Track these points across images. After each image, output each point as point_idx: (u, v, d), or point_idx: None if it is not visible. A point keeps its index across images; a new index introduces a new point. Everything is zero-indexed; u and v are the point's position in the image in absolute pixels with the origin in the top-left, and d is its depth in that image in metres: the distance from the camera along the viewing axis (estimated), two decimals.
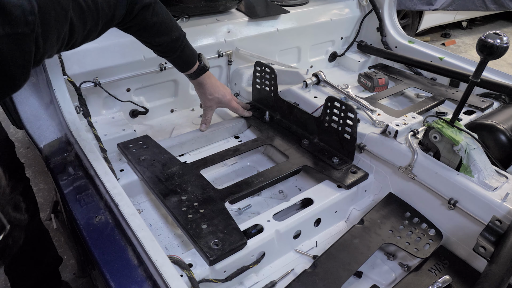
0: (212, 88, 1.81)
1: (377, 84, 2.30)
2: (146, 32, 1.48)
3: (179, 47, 1.59)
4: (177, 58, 1.64)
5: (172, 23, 1.54)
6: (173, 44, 1.57)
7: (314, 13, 2.53)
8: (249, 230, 1.35)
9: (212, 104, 1.85)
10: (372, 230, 1.42)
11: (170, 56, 1.62)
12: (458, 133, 1.42)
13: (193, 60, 1.69)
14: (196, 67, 1.70)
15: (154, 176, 1.49)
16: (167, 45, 1.56)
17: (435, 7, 5.84)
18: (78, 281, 2.24)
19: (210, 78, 1.80)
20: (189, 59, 1.68)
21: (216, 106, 1.89)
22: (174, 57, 1.63)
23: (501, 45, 1.25)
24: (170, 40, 1.54)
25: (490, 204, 1.31)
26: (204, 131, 1.86)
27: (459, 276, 1.32)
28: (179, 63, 1.68)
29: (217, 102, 1.86)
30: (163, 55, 1.63)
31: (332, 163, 1.64)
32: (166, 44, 1.55)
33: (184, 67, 1.69)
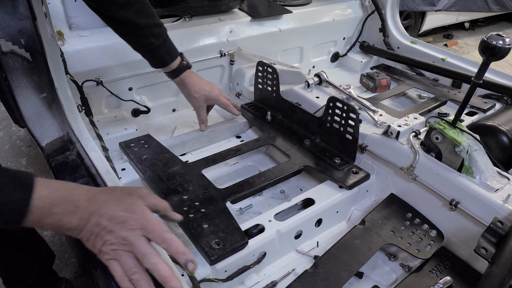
0: (197, 85, 1.76)
1: (379, 85, 2.29)
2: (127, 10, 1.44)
3: (162, 34, 1.56)
4: (159, 47, 1.57)
5: (152, 9, 1.51)
6: (157, 30, 1.53)
7: (317, 13, 2.53)
8: (250, 230, 1.35)
9: (201, 102, 1.81)
10: (373, 231, 1.42)
11: (153, 43, 1.55)
12: (460, 134, 1.42)
13: (175, 53, 1.65)
14: (178, 63, 1.66)
15: (156, 175, 1.49)
16: (150, 29, 1.52)
17: (437, 8, 5.83)
18: (79, 279, 2.24)
19: (193, 76, 1.76)
20: (171, 50, 1.63)
21: (206, 104, 1.84)
22: (156, 46, 1.56)
23: (503, 46, 1.25)
24: (153, 23, 1.51)
25: (492, 206, 1.31)
26: (204, 130, 1.85)
27: (460, 277, 1.31)
28: (160, 54, 1.61)
29: (205, 99, 1.80)
30: (144, 42, 1.55)
31: (333, 163, 1.63)
32: (149, 27, 1.51)
33: (166, 59, 1.63)
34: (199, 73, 2.12)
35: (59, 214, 0.92)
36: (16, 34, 1.43)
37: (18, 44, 1.44)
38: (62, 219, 0.92)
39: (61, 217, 0.92)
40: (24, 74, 1.46)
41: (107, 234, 0.94)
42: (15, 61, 1.46)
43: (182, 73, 1.70)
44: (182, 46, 2.00)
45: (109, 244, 0.94)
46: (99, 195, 0.97)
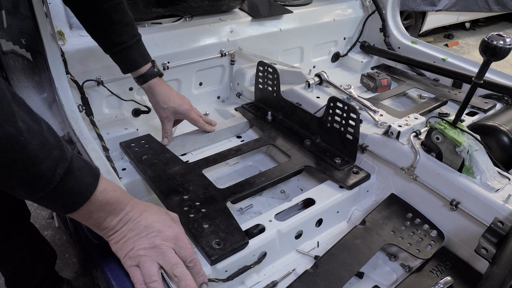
0: (165, 96, 1.66)
1: (379, 85, 2.29)
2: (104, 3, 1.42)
3: (136, 35, 1.53)
4: (131, 47, 1.52)
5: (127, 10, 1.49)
6: (130, 30, 1.50)
7: (317, 13, 2.53)
8: (251, 230, 1.35)
9: (168, 114, 1.69)
10: (373, 231, 1.42)
11: (125, 42, 1.50)
12: (461, 134, 1.42)
13: (148, 58, 1.60)
14: (147, 68, 1.59)
15: (156, 175, 1.49)
16: (124, 27, 1.48)
17: (438, 8, 5.83)
18: (79, 279, 2.24)
19: (163, 85, 1.66)
20: (144, 54, 1.58)
21: (174, 118, 1.72)
22: (128, 45, 1.51)
23: (504, 46, 1.25)
24: (127, 22, 1.48)
25: (492, 206, 1.31)
26: (167, 145, 1.72)
27: (460, 277, 1.31)
28: (132, 55, 1.55)
29: (173, 111, 1.69)
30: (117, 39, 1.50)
31: (334, 163, 1.63)
32: (123, 24, 1.48)
33: (138, 61, 1.57)
34: (199, 73, 2.13)
35: (107, 212, 0.98)
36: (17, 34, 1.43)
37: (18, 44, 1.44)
38: (106, 218, 0.99)
39: (106, 215, 0.98)
40: (24, 74, 1.46)
41: (139, 240, 1.00)
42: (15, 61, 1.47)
43: (151, 79, 1.62)
44: (183, 46, 2.00)
45: (137, 249, 0.99)
46: (140, 204, 1.05)
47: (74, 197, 0.90)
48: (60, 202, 0.89)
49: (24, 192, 0.84)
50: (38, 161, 0.81)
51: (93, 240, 1.17)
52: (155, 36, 1.94)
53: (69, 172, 0.86)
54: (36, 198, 0.85)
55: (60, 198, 0.88)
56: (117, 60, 1.58)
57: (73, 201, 0.91)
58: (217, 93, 2.29)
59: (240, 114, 2.03)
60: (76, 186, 0.89)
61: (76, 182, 0.89)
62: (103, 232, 1.01)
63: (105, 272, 1.10)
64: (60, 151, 0.86)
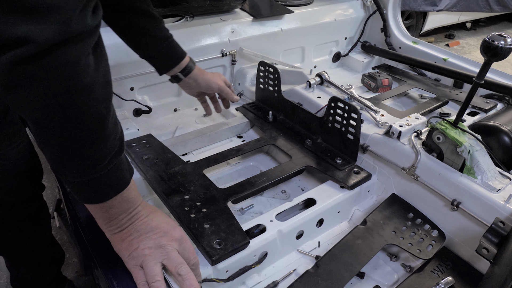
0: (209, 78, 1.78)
1: (380, 85, 2.29)
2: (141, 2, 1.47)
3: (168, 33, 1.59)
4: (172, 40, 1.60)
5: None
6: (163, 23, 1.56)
7: (318, 13, 2.53)
8: (252, 230, 1.35)
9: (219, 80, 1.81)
10: (374, 231, 1.42)
11: (168, 36, 1.58)
12: (462, 134, 1.42)
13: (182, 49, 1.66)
14: (189, 59, 1.68)
15: (157, 175, 1.49)
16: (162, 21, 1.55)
17: (439, 8, 5.82)
18: (80, 279, 2.24)
19: (201, 70, 1.76)
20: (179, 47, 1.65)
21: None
22: (171, 37, 1.59)
23: (505, 46, 1.24)
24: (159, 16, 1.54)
25: (493, 206, 1.31)
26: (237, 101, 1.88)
27: (461, 278, 1.31)
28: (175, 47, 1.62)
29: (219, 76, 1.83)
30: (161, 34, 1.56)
31: (335, 163, 1.63)
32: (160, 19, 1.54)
33: (180, 52, 1.65)
34: None
35: (122, 209, 1.01)
36: None
37: None
38: (120, 215, 1.01)
39: (120, 212, 1.01)
40: None
41: (145, 239, 1.02)
42: None
43: (194, 68, 1.70)
44: (184, 46, 1.98)
45: (142, 248, 1.01)
46: (148, 206, 1.08)
47: (110, 188, 0.95)
48: (97, 189, 0.94)
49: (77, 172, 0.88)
50: (105, 145, 0.87)
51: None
52: None
53: (118, 163, 0.93)
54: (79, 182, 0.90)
55: (101, 185, 0.92)
56: (160, 56, 1.62)
57: (107, 192, 0.95)
58: None
59: (241, 114, 2.03)
60: (116, 178, 0.94)
61: (118, 175, 0.95)
62: (111, 228, 1.02)
63: (106, 272, 1.10)
64: (121, 142, 0.93)
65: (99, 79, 0.82)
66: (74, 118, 0.80)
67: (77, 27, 0.72)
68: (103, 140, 0.86)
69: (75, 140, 0.83)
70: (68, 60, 0.74)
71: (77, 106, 0.79)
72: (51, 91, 0.75)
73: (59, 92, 0.75)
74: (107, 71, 0.86)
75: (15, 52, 0.68)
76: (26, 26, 0.67)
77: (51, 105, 0.76)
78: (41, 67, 0.71)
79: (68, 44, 0.73)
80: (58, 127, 0.80)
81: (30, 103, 0.76)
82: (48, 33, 0.69)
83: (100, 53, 0.83)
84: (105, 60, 0.86)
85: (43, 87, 0.74)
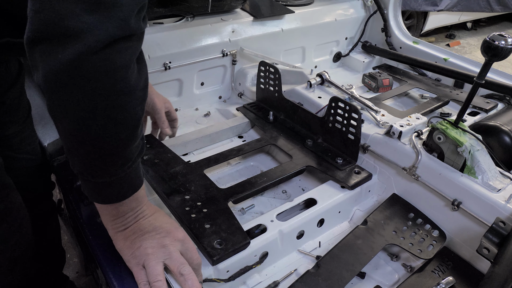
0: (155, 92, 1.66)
1: (381, 85, 2.29)
2: None
3: None
4: None
5: None
6: None
7: (319, 13, 2.53)
8: (252, 230, 1.35)
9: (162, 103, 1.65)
10: (375, 231, 1.42)
11: None
12: (462, 134, 1.42)
13: None
14: None
15: (158, 175, 1.49)
16: None
17: (440, 8, 5.83)
18: (81, 279, 2.24)
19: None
20: None
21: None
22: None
23: (505, 46, 1.24)
24: None
25: (494, 206, 1.31)
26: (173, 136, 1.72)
27: (462, 277, 1.31)
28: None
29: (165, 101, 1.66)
30: None
31: (335, 163, 1.63)
32: None
33: None
34: (201, 73, 2.13)
35: (130, 207, 1.02)
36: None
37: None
38: (127, 213, 1.03)
39: (128, 210, 1.02)
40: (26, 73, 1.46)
41: (148, 238, 1.02)
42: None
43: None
44: (185, 46, 2.00)
45: (145, 247, 1.01)
46: (152, 206, 1.10)
47: (130, 187, 0.98)
48: (119, 189, 0.96)
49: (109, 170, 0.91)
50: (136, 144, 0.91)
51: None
52: (157, 36, 1.94)
53: (138, 163, 0.96)
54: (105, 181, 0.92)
55: (123, 184, 0.95)
56: None
57: (126, 191, 0.98)
58: (219, 93, 2.29)
59: (242, 114, 2.03)
60: (136, 177, 0.98)
61: (137, 173, 0.98)
62: (116, 226, 1.03)
63: (107, 272, 1.10)
64: (143, 142, 0.96)
65: (140, 83, 0.84)
66: (116, 118, 0.82)
67: (134, 26, 0.75)
68: (135, 139, 0.90)
69: (113, 140, 0.85)
70: (122, 61, 0.76)
71: (120, 107, 0.81)
72: (100, 91, 0.77)
73: (108, 92, 0.77)
74: (147, 75, 0.89)
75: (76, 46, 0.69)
76: (89, 18, 0.69)
77: (98, 105, 0.78)
78: (95, 65, 0.73)
79: (124, 43, 0.75)
80: (99, 128, 0.81)
81: (78, 102, 0.77)
82: (109, 27, 0.71)
83: (142, 59, 0.87)
84: (145, 66, 0.89)
85: (94, 86, 0.76)
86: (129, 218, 1.03)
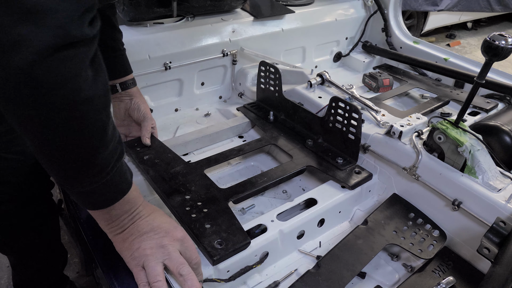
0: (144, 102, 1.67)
1: (381, 85, 2.29)
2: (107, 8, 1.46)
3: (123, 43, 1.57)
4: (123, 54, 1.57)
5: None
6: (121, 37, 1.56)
7: (319, 13, 2.53)
8: (253, 230, 1.35)
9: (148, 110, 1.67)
10: (376, 231, 1.42)
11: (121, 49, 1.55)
12: (463, 134, 1.42)
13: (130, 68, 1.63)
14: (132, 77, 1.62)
15: (158, 175, 1.49)
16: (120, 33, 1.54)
17: (440, 8, 5.83)
18: (81, 279, 2.24)
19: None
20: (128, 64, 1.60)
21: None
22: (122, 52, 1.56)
23: (506, 46, 1.24)
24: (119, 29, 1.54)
25: (494, 205, 1.31)
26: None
27: (463, 277, 1.31)
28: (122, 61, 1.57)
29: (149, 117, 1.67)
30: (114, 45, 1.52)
31: (336, 163, 1.63)
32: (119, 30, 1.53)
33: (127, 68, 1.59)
34: (201, 73, 2.13)
35: (123, 210, 1.00)
36: None
37: None
38: (121, 215, 1.01)
39: (122, 213, 1.01)
40: None
41: (146, 239, 1.02)
42: None
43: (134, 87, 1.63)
44: (185, 46, 2.00)
45: (144, 248, 1.00)
46: (149, 206, 1.08)
47: (115, 191, 0.95)
48: (103, 195, 0.94)
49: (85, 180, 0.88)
50: (109, 152, 0.87)
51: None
52: (157, 36, 1.94)
53: (120, 167, 0.93)
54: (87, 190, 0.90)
55: (107, 190, 0.93)
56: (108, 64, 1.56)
57: (113, 196, 0.96)
58: (219, 93, 2.29)
59: (242, 114, 2.03)
60: (120, 181, 0.95)
61: (121, 178, 0.95)
62: (112, 229, 1.02)
63: (107, 272, 1.10)
64: (121, 145, 0.93)
65: (98, 90, 0.80)
66: (77, 129, 0.79)
67: (74, 33, 0.71)
68: (106, 146, 0.86)
69: (80, 150, 0.82)
70: (69, 71, 0.72)
71: (80, 118, 0.78)
72: (52, 104, 0.73)
73: (61, 105, 0.74)
74: (106, 81, 0.84)
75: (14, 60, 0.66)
76: (23, 28, 0.65)
77: (55, 119, 0.75)
78: (38, 78, 0.69)
79: (67, 51, 0.71)
80: (63, 140, 0.79)
81: (32, 118, 0.74)
82: (45, 36, 0.67)
83: (98, 64, 0.81)
84: (103, 71, 0.83)
85: (44, 101, 0.72)
86: (124, 220, 1.02)
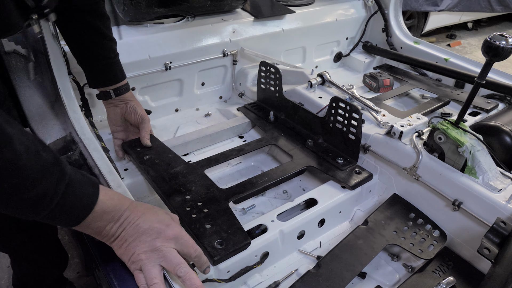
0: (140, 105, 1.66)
1: (382, 85, 2.29)
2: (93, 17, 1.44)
3: (115, 50, 1.55)
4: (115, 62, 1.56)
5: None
6: (114, 45, 1.53)
7: (320, 13, 2.53)
8: (253, 230, 1.35)
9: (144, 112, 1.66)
10: (376, 231, 1.42)
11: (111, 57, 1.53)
12: (463, 134, 1.41)
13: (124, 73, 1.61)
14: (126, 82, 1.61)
15: (158, 175, 1.49)
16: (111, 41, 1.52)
17: (440, 8, 5.83)
18: (81, 280, 2.24)
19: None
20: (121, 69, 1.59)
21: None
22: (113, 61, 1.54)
23: (506, 46, 1.24)
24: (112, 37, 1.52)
25: (495, 206, 1.31)
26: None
27: (463, 278, 1.31)
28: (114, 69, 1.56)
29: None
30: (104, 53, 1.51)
31: (336, 163, 1.63)
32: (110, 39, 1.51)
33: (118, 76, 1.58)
34: (202, 73, 2.13)
35: (106, 220, 0.97)
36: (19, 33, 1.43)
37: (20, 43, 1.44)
38: (106, 226, 0.98)
39: (106, 223, 0.98)
40: (26, 74, 1.46)
41: (140, 244, 1.00)
42: (17, 61, 1.46)
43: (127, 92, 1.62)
44: (185, 46, 2.00)
45: (138, 253, 0.99)
46: (139, 207, 1.04)
47: (77, 210, 0.91)
48: (64, 216, 0.90)
49: (29, 213, 0.84)
50: (39, 181, 0.82)
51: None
52: (158, 36, 1.94)
53: (69, 186, 0.87)
54: (42, 217, 0.86)
55: (64, 213, 0.89)
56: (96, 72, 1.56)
57: (76, 214, 0.91)
58: (219, 93, 2.29)
59: (242, 114, 2.03)
60: (78, 199, 0.90)
61: (77, 195, 0.90)
62: (105, 239, 1.01)
63: (108, 273, 1.10)
64: (59, 167, 0.87)
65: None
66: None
67: None
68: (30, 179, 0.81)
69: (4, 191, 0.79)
70: None
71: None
72: None
73: None
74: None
75: None
76: None
77: None
78: None
79: None
80: None
81: None
82: None
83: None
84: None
85: None
86: (112, 229, 0.99)
